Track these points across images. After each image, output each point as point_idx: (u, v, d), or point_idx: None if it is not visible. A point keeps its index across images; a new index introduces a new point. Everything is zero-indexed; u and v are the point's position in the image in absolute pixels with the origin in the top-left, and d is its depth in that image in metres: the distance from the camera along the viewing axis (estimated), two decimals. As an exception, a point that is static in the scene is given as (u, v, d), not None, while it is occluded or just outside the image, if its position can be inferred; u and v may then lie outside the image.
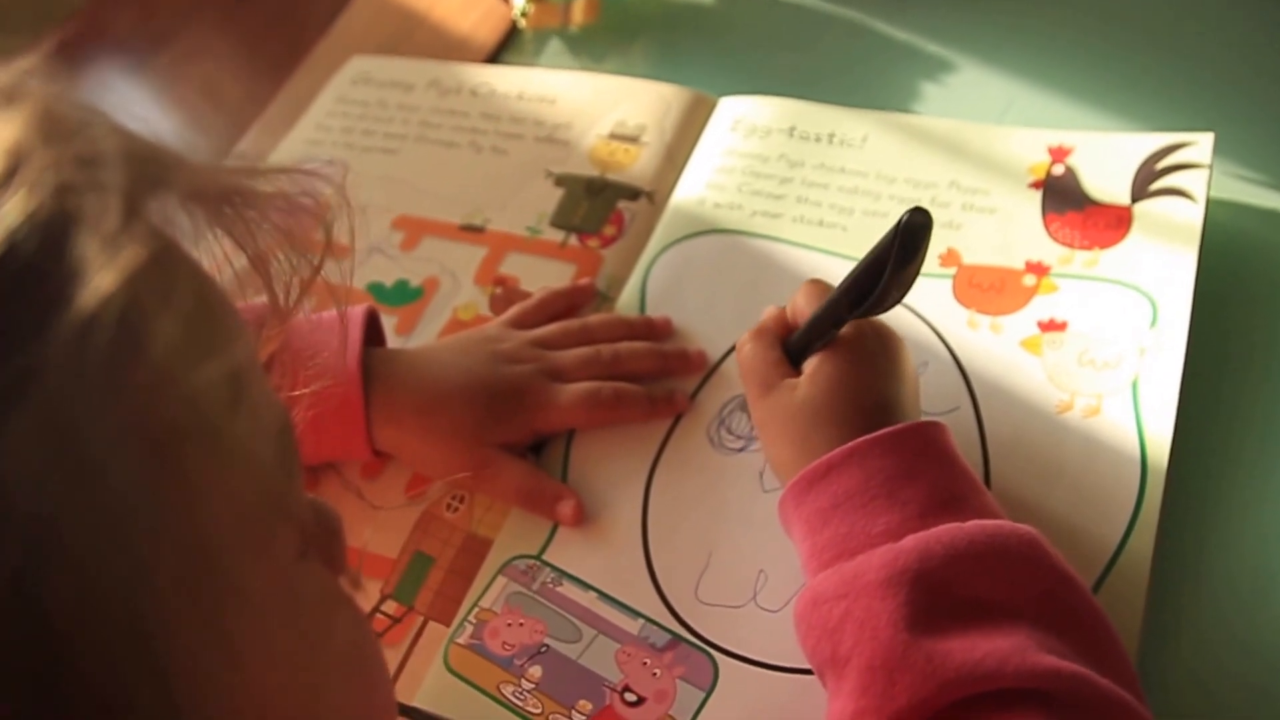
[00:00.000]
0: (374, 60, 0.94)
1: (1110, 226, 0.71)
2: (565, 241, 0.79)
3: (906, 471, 0.56)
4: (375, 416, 0.68)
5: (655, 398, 0.70)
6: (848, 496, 0.56)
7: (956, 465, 0.58)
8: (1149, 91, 0.81)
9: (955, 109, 0.82)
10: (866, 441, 0.57)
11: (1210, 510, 0.63)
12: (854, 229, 0.75)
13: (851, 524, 0.55)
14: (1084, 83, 0.82)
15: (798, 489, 0.58)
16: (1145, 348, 0.66)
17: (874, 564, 0.52)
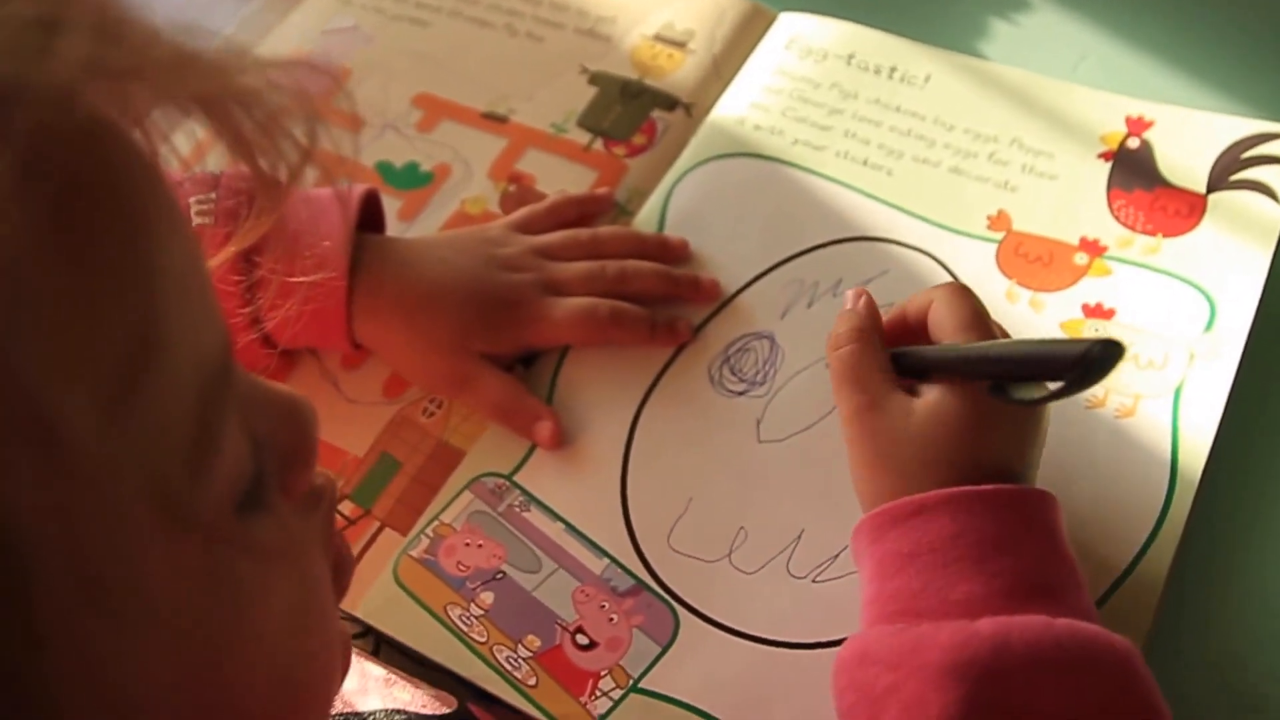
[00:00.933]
0: None
1: (1180, 214, 0.65)
2: (590, 145, 0.73)
3: (1004, 539, 0.49)
4: (358, 309, 0.62)
5: (657, 323, 0.64)
6: (932, 549, 0.49)
7: (1060, 549, 0.50)
8: (1245, 66, 0.73)
9: (1024, 53, 0.75)
10: (968, 494, 0.49)
11: (1237, 537, 0.58)
12: (900, 174, 0.69)
13: (928, 580, 0.49)
14: (1172, 45, 0.75)
15: (878, 523, 0.51)
16: (1196, 352, 0.60)
17: (940, 641, 0.46)
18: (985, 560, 0.48)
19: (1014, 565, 0.48)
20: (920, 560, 0.49)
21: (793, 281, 0.66)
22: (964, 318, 0.54)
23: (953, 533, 0.49)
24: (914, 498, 0.50)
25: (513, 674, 0.57)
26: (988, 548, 0.48)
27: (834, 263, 0.66)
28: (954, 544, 0.48)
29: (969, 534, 0.49)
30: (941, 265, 0.65)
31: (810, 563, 0.58)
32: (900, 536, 0.50)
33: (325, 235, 0.62)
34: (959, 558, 0.48)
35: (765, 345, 0.64)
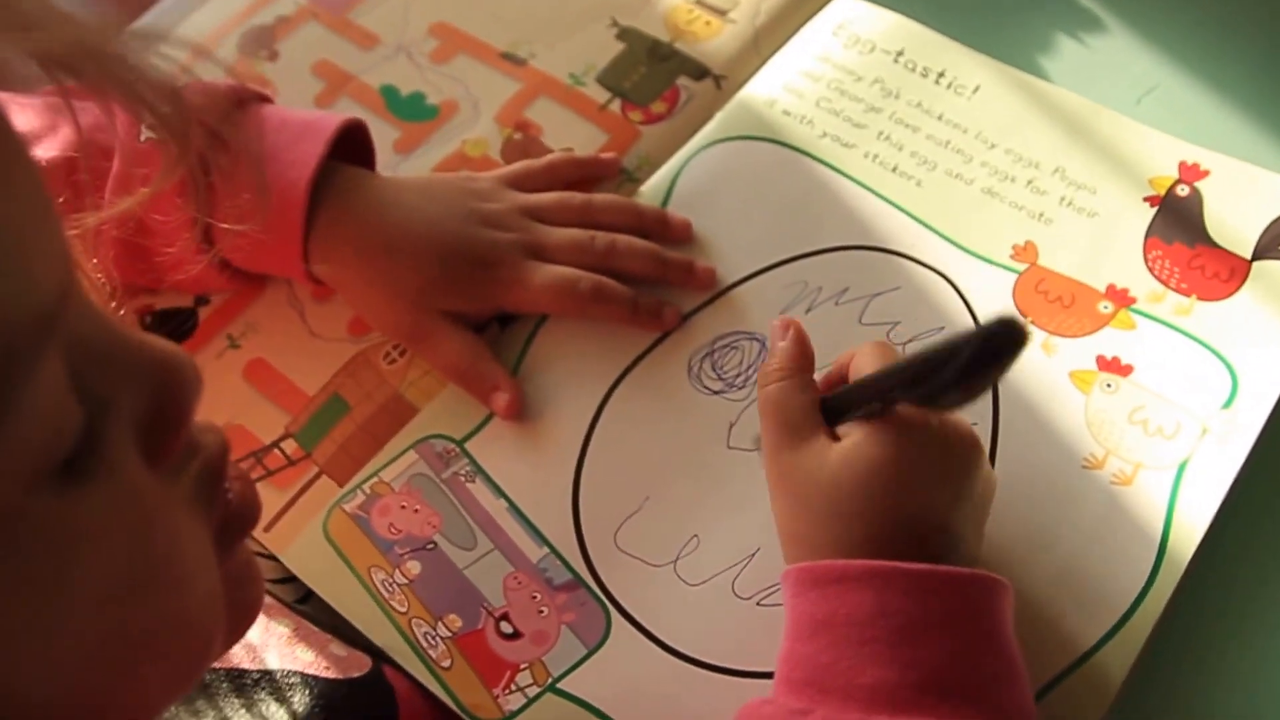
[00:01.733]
0: None
1: (1219, 276, 0.59)
2: (607, 104, 0.67)
3: (926, 627, 0.44)
4: (314, 243, 0.58)
5: (641, 305, 0.60)
6: (848, 623, 0.44)
7: (996, 642, 0.45)
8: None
9: (1088, 77, 0.69)
10: (893, 570, 0.44)
11: (1215, 637, 0.53)
12: (929, 186, 0.63)
13: (837, 656, 0.44)
14: (1248, 91, 0.68)
15: (798, 580, 0.46)
16: (1210, 429, 0.55)
17: None
18: (900, 646, 0.43)
19: (931, 657, 0.43)
20: (834, 632, 0.44)
21: (795, 282, 0.61)
22: (879, 356, 0.50)
23: (871, 611, 0.44)
24: (836, 563, 0.45)
25: (427, 651, 0.53)
26: (905, 634, 0.43)
27: (843, 269, 0.61)
28: (871, 623, 0.44)
29: (888, 616, 0.44)
30: (955, 289, 0.60)
31: (757, 584, 0.53)
32: (818, 600, 0.45)
33: (294, 161, 0.57)
34: (873, 638, 0.44)
35: (754, 347, 0.59)
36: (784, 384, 0.50)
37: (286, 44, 0.71)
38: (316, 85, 0.69)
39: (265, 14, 0.72)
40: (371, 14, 0.72)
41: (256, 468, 0.58)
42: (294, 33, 0.71)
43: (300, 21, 0.72)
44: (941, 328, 0.59)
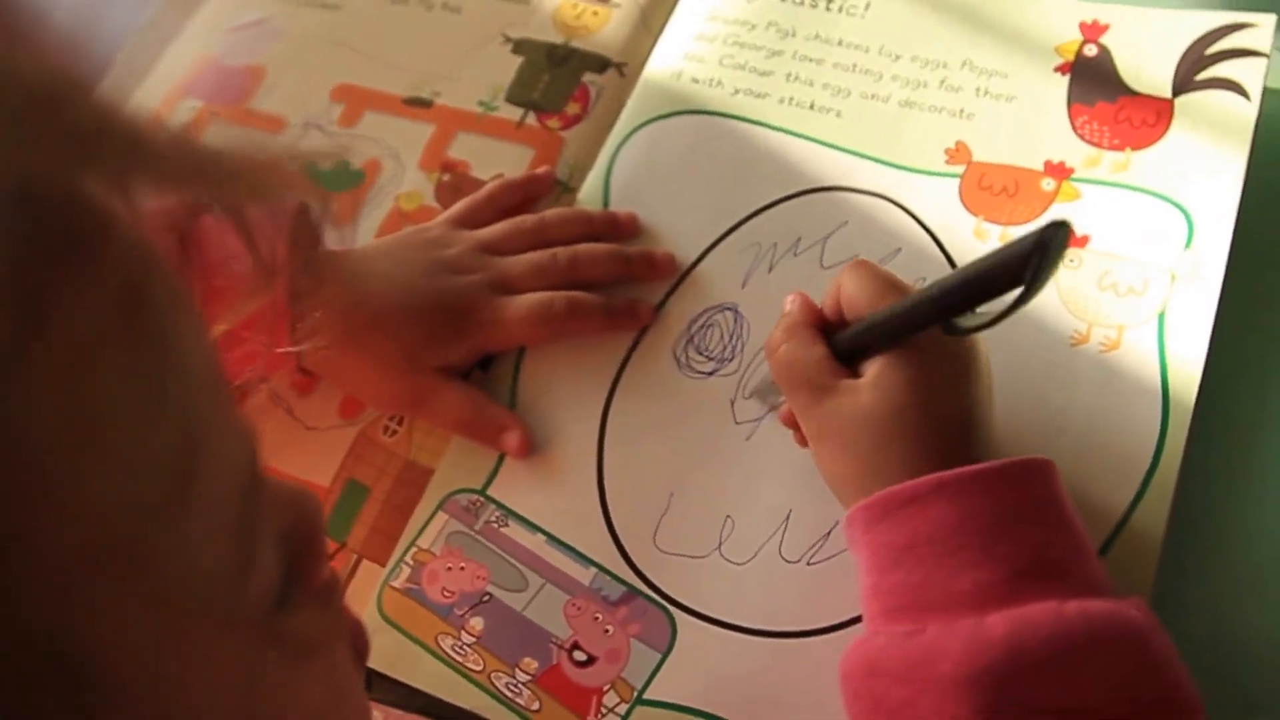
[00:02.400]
0: None
1: (1146, 123, 0.60)
2: (523, 120, 0.67)
3: (1004, 521, 0.45)
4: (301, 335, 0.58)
5: (615, 308, 0.60)
6: (930, 540, 0.45)
7: (1064, 518, 0.47)
8: None
9: None
10: (961, 476, 0.46)
11: (1237, 469, 0.54)
12: (849, 114, 0.64)
13: (929, 572, 0.45)
14: None
15: (870, 514, 0.47)
16: (1177, 273, 0.56)
17: (952, 650, 0.43)
18: (986, 547, 0.45)
19: (1016, 548, 0.45)
20: (918, 552, 0.46)
21: (750, 245, 0.61)
22: (875, 289, 0.50)
23: (955, 521, 0.45)
24: (904, 486, 0.46)
25: (514, 700, 0.54)
26: (987, 534, 0.45)
27: (791, 220, 0.61)
28: (954, 533, 0.45)
29: (967, 521, 0.45)
30: (902, 209, 0.60)
31: (802, 545, 0.54)
32: (894, 528, 0.46)
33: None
34: (961, 546, 0.45)
35: (729, 318, 0.60)
36: (790, 345, 0.51)
37: (197, 150, 0.70)
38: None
39: (167, 126, 0.71)
40: (270, 97, 0.71)
41: (297, 573, 0.59)
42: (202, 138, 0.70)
43: (203, 126, 0.71)
44: (899, 249, 0.59)
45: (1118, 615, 0.43)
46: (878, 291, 0.50)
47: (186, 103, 0.72)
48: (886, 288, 0.50)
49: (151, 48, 0.75)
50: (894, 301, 0.48)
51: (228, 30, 0.74)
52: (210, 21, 0.76)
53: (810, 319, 0.52)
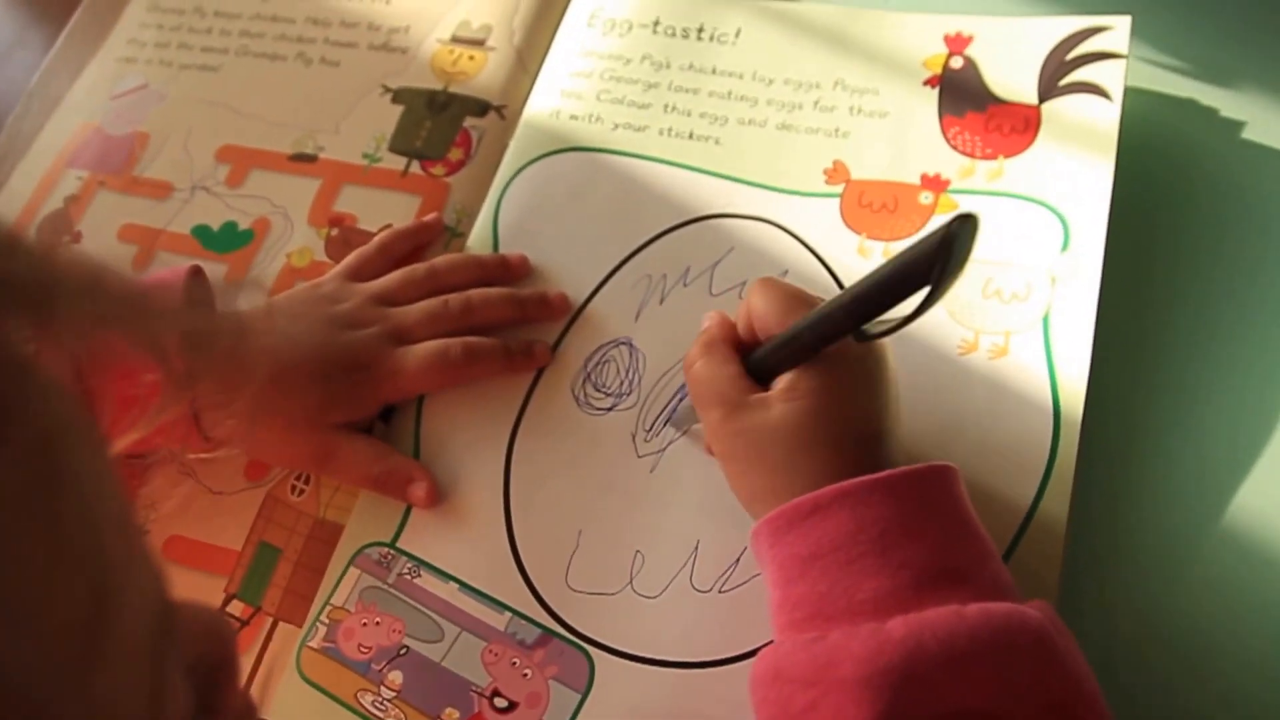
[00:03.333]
0: None
1: (1016, 130, 0.60)
2: (407, 169, 0.66)
3: (907, 526, 0.44)
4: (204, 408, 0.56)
5: (512, 349, 0.59)
6: (833, 548, 0.45)
7: (965, 523, 0.46)
8: None
9: None
10: (864, 483, 0.45)
11: (1129, 457, 0.54)
12: (727, 141, 0.63)
13: (833, 581, 0.44)
14: None
15: (774, 527, 0.46)
16: (1057, 276, 0.56)
17: (853, 652, 0.42)
18: (888, 553, 0.44)
19: (918, 553, 0.44)
20: (822, 561, 0.45)
21: (641, 278, 0.60)
22: (783, 304, 0.49)
23: (851, 529, 0.44)
24: (807, 497, 0.46)
25: (438, 752, 0.52)
26: (889, 539, 0.44)
27: (678, 250, 0.60)
28: (854, 540, 0.44)
29: (868, 528, 0.44)
30: (786, 231, 0.60)
31: (713, 574, 0.53)
32: (798, 539, 0.46)
33: None
34: (861, 554, 0.44)
35: (624, 352, 0.59)
36: (704, 362, 0.51)
37: (86, 222, 0.68)
38: (129, 251, 0.66)
39: (54, 199, 0.69)
40: (155, 164, 0.69)
41: (212, 642, 0.57)
42: (89, 208, 0.68)
43: (90, 195, 0.69)
44: (785, 272, 0.59)
45: (1019, 616, 0.43)
46: (786, 307, 0.49)
47: (72, 172, 0.70)
48: (794, 302, 0.49)
49: (37, 114, 0.72)
50: (802, 315, 0.48)
51: (110, 98, 0.72)
52: (91, 88, 0.74)
53: (726, 336, 0.52)
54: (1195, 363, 0.56)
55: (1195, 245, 0.58)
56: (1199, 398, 0.55)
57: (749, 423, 0.48)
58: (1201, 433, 0.54)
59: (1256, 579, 0.51)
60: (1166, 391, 0.55)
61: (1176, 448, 0.54)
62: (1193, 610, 0.51)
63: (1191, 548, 0.52)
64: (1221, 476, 0.53)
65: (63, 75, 0.74)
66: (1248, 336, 0.56)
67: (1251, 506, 0.53)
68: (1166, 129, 0.61)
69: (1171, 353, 0.56)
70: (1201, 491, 0.53)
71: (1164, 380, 0.55)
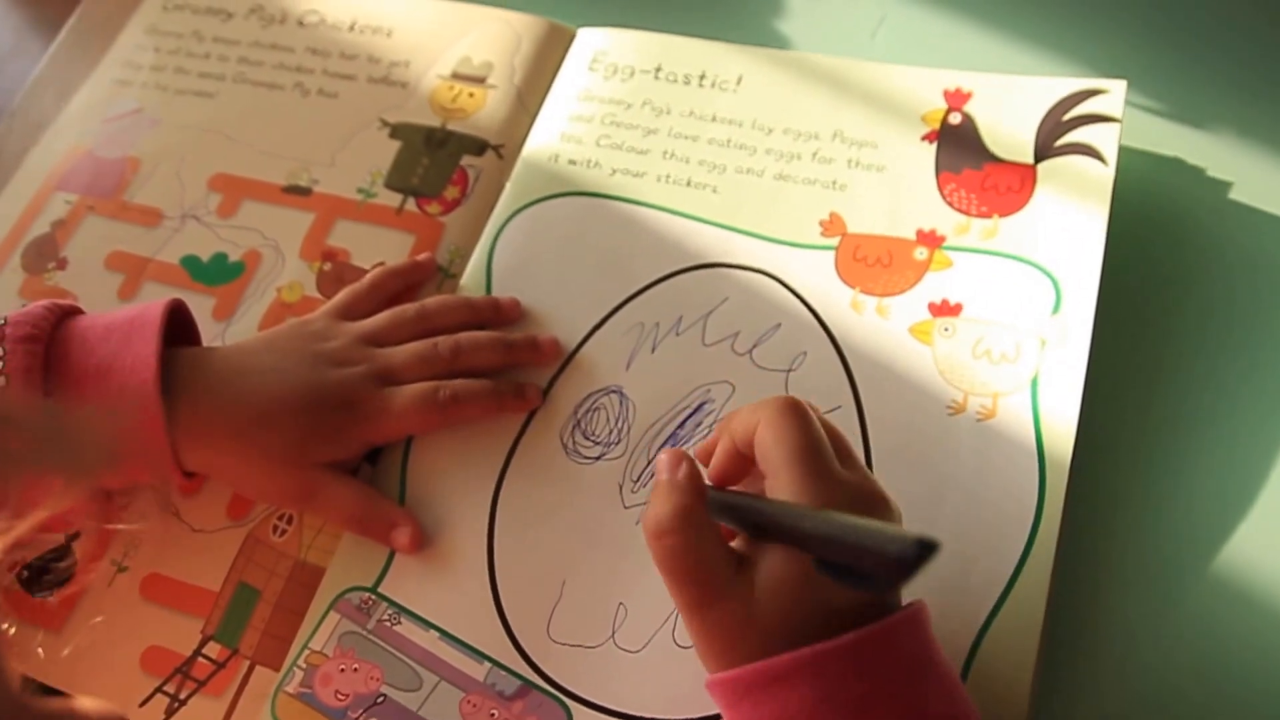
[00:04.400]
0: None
1: (1012, 189, 0.59)
2: (402, 206, 0.65)
3: (872, 694, 0.41)
4: (182, 436, 0.55)
5: (502, 392, 0.58)
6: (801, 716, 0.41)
7: (935, 673, 0.43)
8: (1055, 18, 0.68)
9: (820, 25, 0.70)
10: (824, 652, 0.41)
11: (1115, 524, 0.54)
12: (725, 190, 0.62)
13: None
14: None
15: (730, 692, 0.43)
16: (1047, 339, 0.55)
17: None
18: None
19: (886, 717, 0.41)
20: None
21: (633, 326, 0.59)
22: (792, 448, 0.45)
23: (814, 701, 0.41)
24: (765, 664, 0.42)
25: (412, 802, 0.51)
26: (852, 709, 0.41)
27: (671, 298, 0.60)
28: (817, 712, 0.41)
29: (832, 700, 0.41)
30: (780, 283, 0.59)
31: (696, 629, 0.52)
32: (756, 707, 0.42)
33: (133, 366, 0.54)
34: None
35: (615, 401, 0.58)
36: (680, 538, 0.45)
37: (72, 248, 0.67)
38: (115, 279, 0.65)
39: (40, 223, 0.68)
40: (145, 189, 0.68)
41: (186, 683, 0.55)
42: (76, 233, 0.67)
43: (78, 220, 0.68)
44: (779, 324, 0.58)
45: None
46: (795, 452, 0.44)
47: (61, 195, 0.69)
48: (805, 450, 0.44)
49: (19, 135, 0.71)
50: (806, 473, 0.44)
51: (103, 120, 0.71)
52: (84, 111, 0.73)
53: (700, 496, 0.46)
54: (1184, 424, 0.56)
55: (1184, 305, 0.59)
56: (1187, 460, 0.55)
57: (730, 616, 0.43)
58: (1190, 498, 0.54)
59: (1242, 643, 0.51)
60: (1154, 456, 0.55)
61: (1164, 514, 0.54)
62: (1178, 678, 0.50)
63: (1178, 612, 0.52)
64: (1209, 542, 0.53)
65: (47, 96, 0.73)
66: (1237, 397, 0.56)
67: (1238, 570, 0.52)
68: (1156, 187, 0.61)
69: (1160, 415, 0.56)
70: (1187, 558, 0.53)
71: (1151, 444, 0.55)
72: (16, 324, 0.54)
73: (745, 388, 0.57)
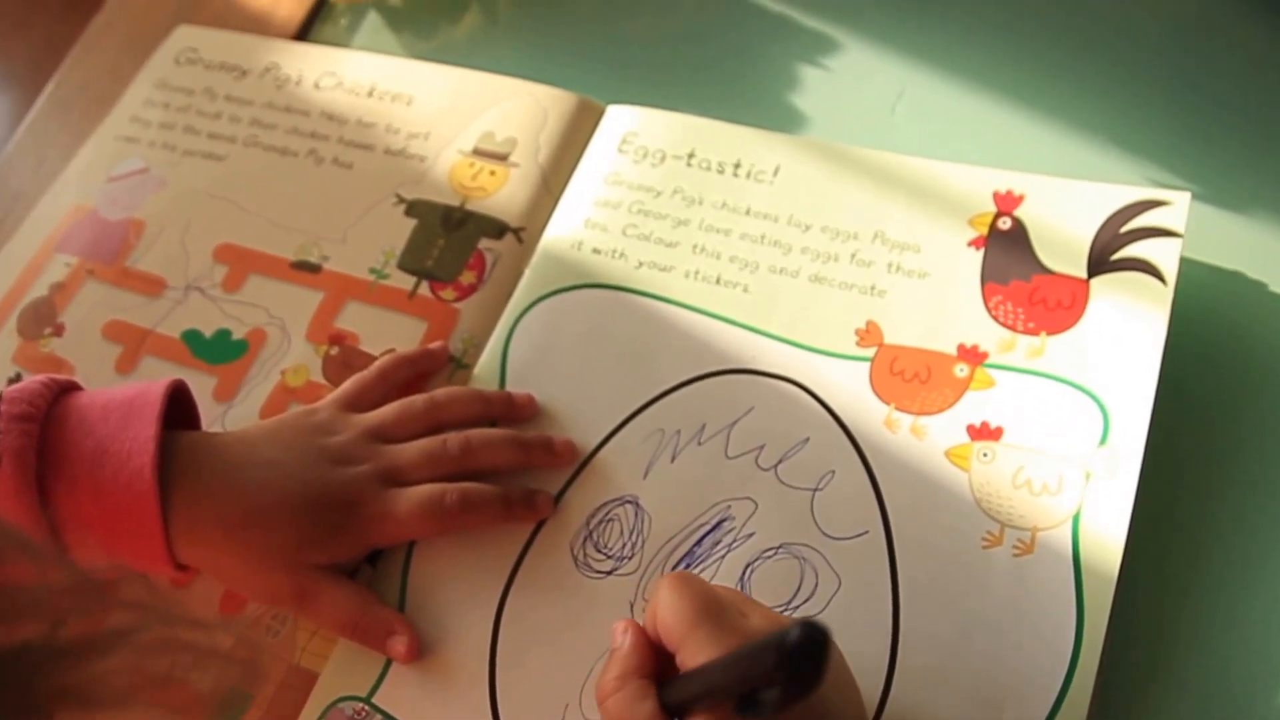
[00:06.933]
0: (203, 33, 0.81)
1: (1062, 305, 0.62)
2: (415, 290, 0.68)
3: None
4: (177, 529, 0.58)
5: (512, 499, 0.61)
6: None
7: None
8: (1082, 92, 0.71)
9: (840, 100, 0.74)
10: None
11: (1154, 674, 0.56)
12: (756, 290, 0.65)
13: None
14: (991, 69, 0.73)
15: None
16: (1093, 471, 0.57)
17: None
18: None
19: None
20: None
21: (653, 432, 0.62)
22: (689, 614, 0.48)
23: None
24: None
25: None
26: None
27: (695, 404, 0.63)
28: None
29: None
30: (810, 394, 0.62)
31: (703, 763, 0.55)
32: None
33: (130, 451, 0.57)
34: None
35: (630, 512, 0.61)
36: (622, 694, 0.49)
37: (70, 313, 0.70)
38: (113, 351, 0.69)
39: (39, 285, 0.72)
40: (148, 255, 0.71)
41: (172, 793, 0.58)
42: (75, 298, 0.71)
43: (78, 284, 0.71)
44: (806, 439, 0.61)
45: None
46: (690, 619, 0.48)
47: (61, 257, 0.73)
48: (699, 614, 0.48)
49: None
50: (707, 632, 0.47)
51: (108, 179, 0.75)
52: (88, 168, 0.77)
53: (641, 662, 0.50)
54: (1239, 563, 0.58)
55: (1242, 433, 0.61)
56: (1241, 604, 0.57)
57: None
58: (1244, 649, 0.56)
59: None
60: (1204, 600, 0.57)
61: (1214, 665, 0.55)
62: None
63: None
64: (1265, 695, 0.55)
65: (24, 169, 0.77)
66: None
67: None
68: (1214, 303, 0.63)
69: (1213, 554, 0.58)
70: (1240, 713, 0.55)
71: (1202, 587, 0.57)
72: (12, 400, 0.57)
73: (768, 506, 0.60)
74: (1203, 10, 0.73)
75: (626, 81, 0.76)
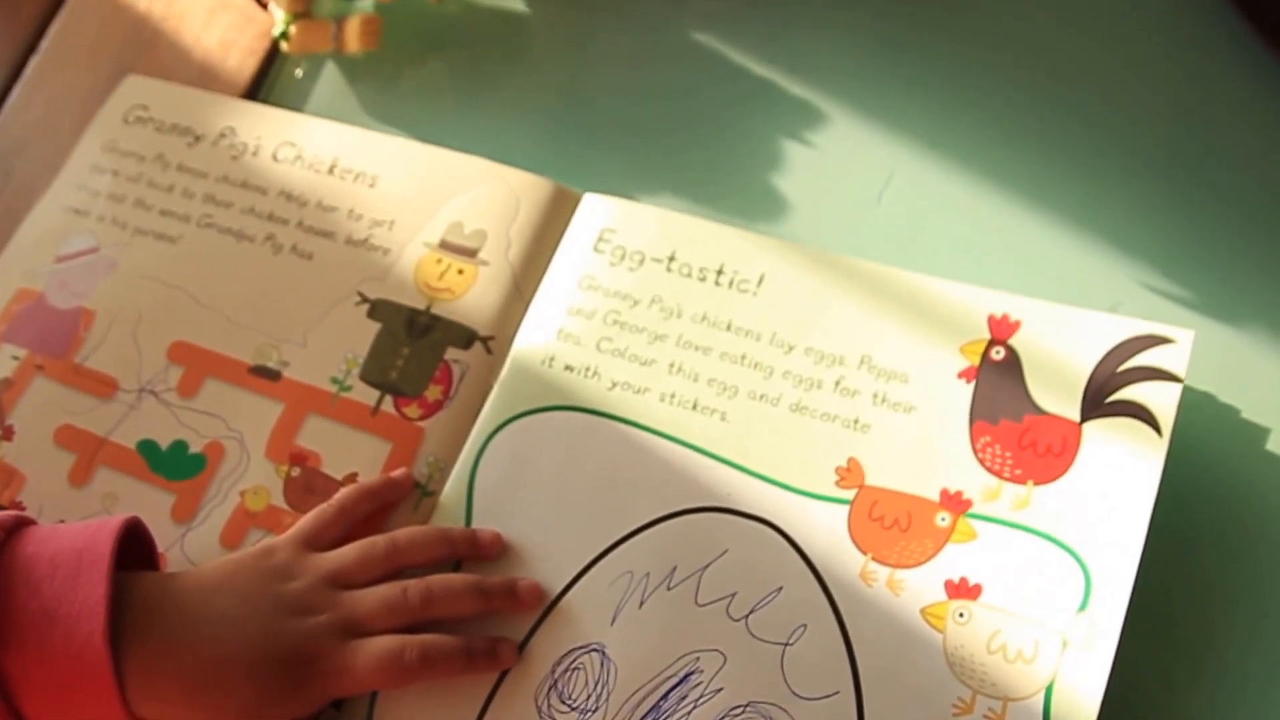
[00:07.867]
0: (153, 85, 0.81)
1: (1051, 452, 0.62)
2: (378, 406, 0.69)
3: None
4: (133, 690, 0.59)
5: (474, 650, 0.63)
6: None
7: None
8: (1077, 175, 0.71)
9: (827, 181, 0.74)
10: None
11: None
12: (735, 418, 0.66)
13: None
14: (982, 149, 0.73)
15: None
16: (1070, 640, 0.59)
17: None
18: None
19: None
20: None
21: (621, 575, 0.64)
22: None
23: None
24: None
25: None
26: None
27: (666, 544, 0.64)
28: None
29: None
30: (786, 539, 0.63)
31: None
32: None
33: (80, 613, 0.58)
34: None
35: (595, 660, 0.62)
36: None
37: (20, 414, 0.72)
38: (66, 460, 0.70)
39: (-13, 380, 0.73)
40: (99, 351, 0.72)
41: None
42: (24, 397, 0.72)
43: (26, 380, 0.73)
44: (779, 589, 0.62)
45: None
46: None
47: (9, 349, 0.74)
48: None
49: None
50: None
51: (56, 259, 0.75)
52: (34, 244, 0.77)
53: None
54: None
55: (1231, 593, 0.61)
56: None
57: None
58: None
59: None
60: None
61: None
62: None
63: None
64: None
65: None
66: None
67: None
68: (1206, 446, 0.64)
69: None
70: None
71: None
72: None
73: (737, 659, 0.61)
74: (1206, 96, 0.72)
75: (599, 149, 0.76)
